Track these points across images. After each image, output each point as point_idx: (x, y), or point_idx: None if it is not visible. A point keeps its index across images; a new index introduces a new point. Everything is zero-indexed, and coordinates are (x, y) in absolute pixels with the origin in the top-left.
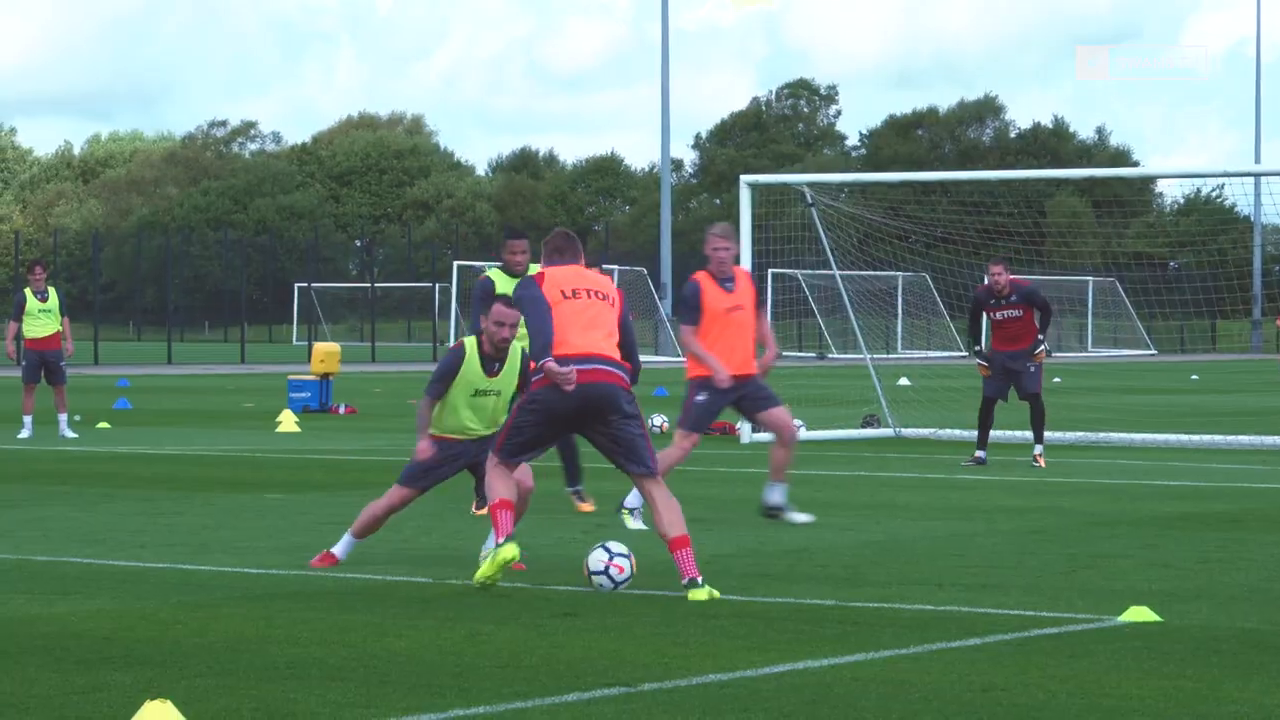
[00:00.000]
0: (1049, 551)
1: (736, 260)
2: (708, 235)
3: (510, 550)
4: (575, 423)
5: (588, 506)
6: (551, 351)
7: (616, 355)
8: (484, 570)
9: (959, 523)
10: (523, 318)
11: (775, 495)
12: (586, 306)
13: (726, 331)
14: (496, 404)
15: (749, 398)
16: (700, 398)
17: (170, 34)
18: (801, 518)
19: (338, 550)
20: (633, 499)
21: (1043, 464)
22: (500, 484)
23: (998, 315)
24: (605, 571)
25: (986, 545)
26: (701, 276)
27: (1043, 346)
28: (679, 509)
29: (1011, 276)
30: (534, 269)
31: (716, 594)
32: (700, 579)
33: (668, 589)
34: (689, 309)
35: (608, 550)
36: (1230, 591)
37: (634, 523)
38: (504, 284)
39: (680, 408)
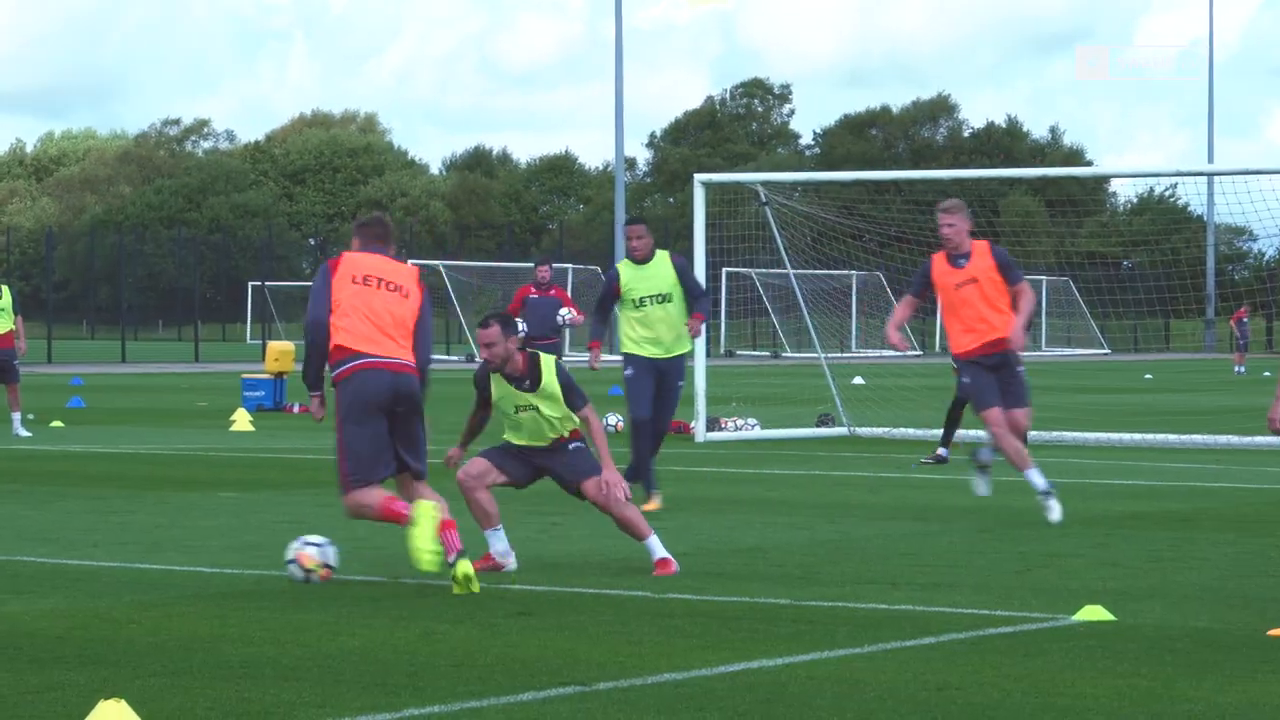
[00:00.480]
0: (1002, 551)
1: (973, 234)
2: (936, 213)
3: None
4: (387, 410)
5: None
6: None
7: (407, 349)
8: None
9: (913, 522)
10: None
11: (985, 454)
12: (374, 295)
13: (959, 308)
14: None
15: (1006, 384)
16: (965, 379)
17: (124, 32)
18: (983, 488)
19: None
20: (985, 453)
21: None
22: (369, 495)
23: None
24: (294, 560)
25: (940, 544)
26: (937, 255)
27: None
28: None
29: None
30: (661, 254)
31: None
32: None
33: (622, 588)
34: (912, 282)
35: (302, 541)
36: (1183, 590)
37: (982, 487)
38: (629, 273)
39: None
